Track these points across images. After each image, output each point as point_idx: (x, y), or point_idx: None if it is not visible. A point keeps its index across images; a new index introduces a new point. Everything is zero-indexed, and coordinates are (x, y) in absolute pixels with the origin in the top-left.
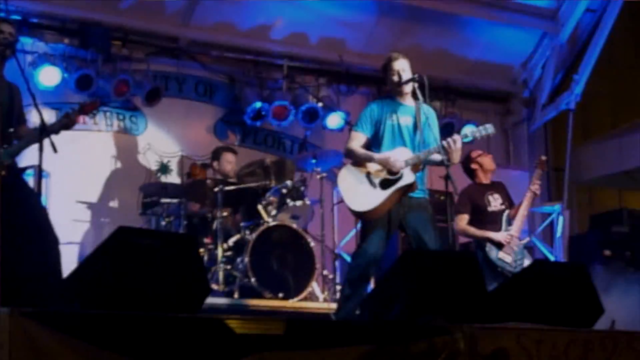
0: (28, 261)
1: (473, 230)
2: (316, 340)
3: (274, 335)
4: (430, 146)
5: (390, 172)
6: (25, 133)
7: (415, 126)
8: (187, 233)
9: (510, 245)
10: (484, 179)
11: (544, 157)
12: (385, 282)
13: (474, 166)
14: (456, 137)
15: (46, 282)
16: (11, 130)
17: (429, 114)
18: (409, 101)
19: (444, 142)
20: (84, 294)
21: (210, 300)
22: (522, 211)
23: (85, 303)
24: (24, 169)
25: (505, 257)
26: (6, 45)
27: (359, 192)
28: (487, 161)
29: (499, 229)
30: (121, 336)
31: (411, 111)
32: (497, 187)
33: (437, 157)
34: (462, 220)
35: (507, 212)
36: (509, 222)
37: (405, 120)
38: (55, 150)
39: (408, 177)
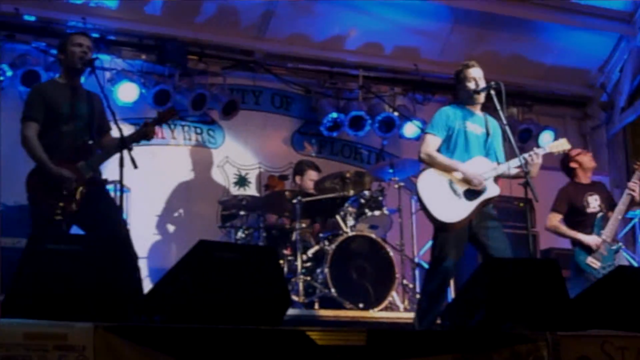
0: (110, 275)
1: (564, 229)
2: (398, 351)
3: (356, 346)
4: (494, 159)
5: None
6: (107, 143)
7: (486, 136)
8: (267, 245)
9: (600, 251)
10: (584, 178)
11: None
12: (467, 290)
13: (573, 165)
14: (538, 150)
15: (128, 296)
16: (91, 142)
17: (495, 127)
18: (478, 111)
19: (526, 156)
20: (166, 308)
21: (291, 311)
22: (616, 214)
23: (167, 316)
24: (106, 181)
25: (593, 263)
26: (82, 59)
27: (444, 201)
28: (587, 159)
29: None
30: (203, 349)
31: (481, 121)
32: (597, 187)
33: (513, 170)
34: (555, 218)
35: (600, 214)
36: (601, 225)
37: (476, 129)
38: (135, 166)
39: (493, 189)
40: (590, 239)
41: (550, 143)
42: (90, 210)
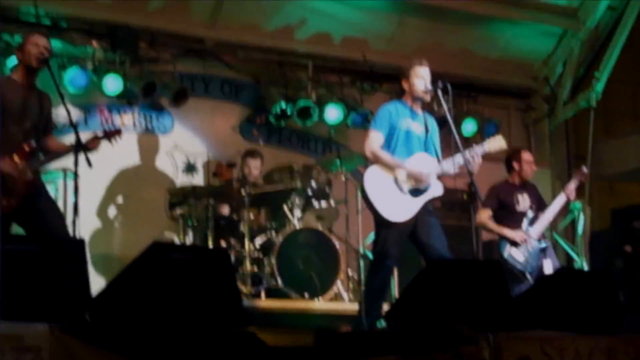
0: (59, 275)
1: (491, 224)
2: (345, 352)
3: (304, 347)
4: (433, 157)
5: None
6: (52, 146)
7: (425, 134)
8: (215, 234)
9: (525, 245)
10: (517, 180)
11: (585, 170)
12: (411, 291)
13: (515, 165)
14: (477, 150)
15: (78, 295)
16: (34, 143)
17: (433, 125)
18: (419, 109)
19: (463, 157)
20: (118, 308)
21: None
22: (548, 214)
23: (119, 317)
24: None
25: (516, 255)
26: (42, 61)
27: (390, 198)
28: (529, 171)
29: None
30: (158, 351)
31: (421, 119)
32: (528, 187)
33: (451, 169)
34: (484, 214)
35: (530, 213)
36: (530, 222)
37: (417, 127)
38: (90, 164)
39: (437, 187)
40: (516, 234)
41: (488, 140)
42: (31, 210)
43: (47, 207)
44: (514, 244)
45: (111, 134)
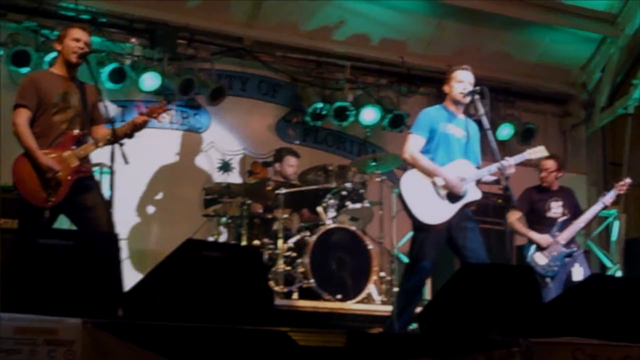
0: (97, 271)
1: (519, 226)
2: (377, 353)
3: (336, 347)
4: (474, 162)
5: None
6: (99, 134)
7: (466, 139)
8: (249, 232)
9: (549, 249)
10: (552, 185)
11: (628, 180)
12: (444, 294)
13: (542, 174)
14: (517, 157)
15: (112, 291)
16: (78, 132)
17: (475, 130)
18: (460, 114)
19: (501, 165)
20: (150, 304)
21: None
22: (580, 221)
23: (151, 313)
24: (93, 170)
25: (538, 259)
26: (80, 56)
27: (426, 202)
28: (547, 177)
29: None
30: (188, 347)
31: (462, 124)
32: (563, 193)
33: (490, 177)
34: (514, 216)
35: (562, 219)
36: (560, 228)
37: (458, 131)
38: (126, 161)
39: (475, 192)
40: (541, 238)
41: (529, 150)
42: (77, 200)
43: (95, 201)
44: (540, 247)
45: (156, 109)
